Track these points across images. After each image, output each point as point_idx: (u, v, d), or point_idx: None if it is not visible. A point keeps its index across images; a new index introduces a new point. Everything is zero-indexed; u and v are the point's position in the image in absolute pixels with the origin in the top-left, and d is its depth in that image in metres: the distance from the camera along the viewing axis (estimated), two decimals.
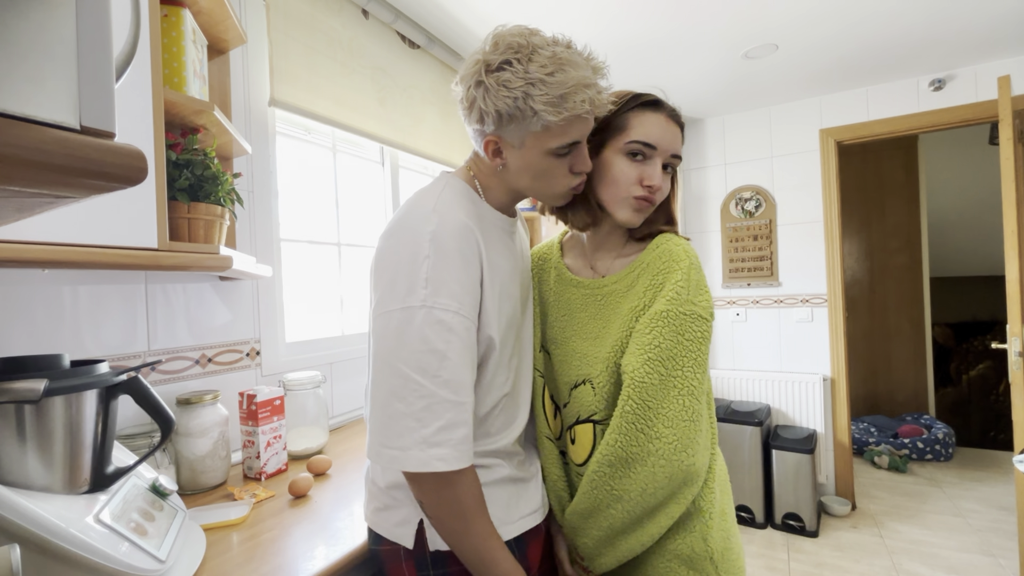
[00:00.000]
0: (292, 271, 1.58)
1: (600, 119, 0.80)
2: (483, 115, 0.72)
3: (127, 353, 1.09)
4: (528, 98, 0.68)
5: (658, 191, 0.82)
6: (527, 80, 0.68)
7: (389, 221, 0.75)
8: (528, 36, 0.70)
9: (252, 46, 1.40)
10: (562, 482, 0.90)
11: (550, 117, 0.68)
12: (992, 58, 2.43)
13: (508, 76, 0.68)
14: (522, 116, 0.69)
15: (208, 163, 1.00)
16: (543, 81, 0.67)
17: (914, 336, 3.89)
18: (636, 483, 0.75)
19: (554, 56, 0.69)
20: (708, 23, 1.98)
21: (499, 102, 0.69)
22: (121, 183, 0.31)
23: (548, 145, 0.73)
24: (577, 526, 0.84)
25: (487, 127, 0.73)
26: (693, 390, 0.76)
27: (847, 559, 2.29)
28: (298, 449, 1.30)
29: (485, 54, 0.71)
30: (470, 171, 0.83)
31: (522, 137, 0.72)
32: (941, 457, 3.39)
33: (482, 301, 0.73)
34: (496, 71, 0.69)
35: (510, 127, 0.71)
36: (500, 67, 0.69)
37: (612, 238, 0.90)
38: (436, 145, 2.06)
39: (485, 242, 0.74)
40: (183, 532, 0.79)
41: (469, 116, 0.75)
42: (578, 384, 0.85)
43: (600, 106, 0.73)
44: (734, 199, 3.06)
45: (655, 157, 0.81)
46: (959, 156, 4.23)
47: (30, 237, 0.70)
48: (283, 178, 1.55)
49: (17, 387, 0.62)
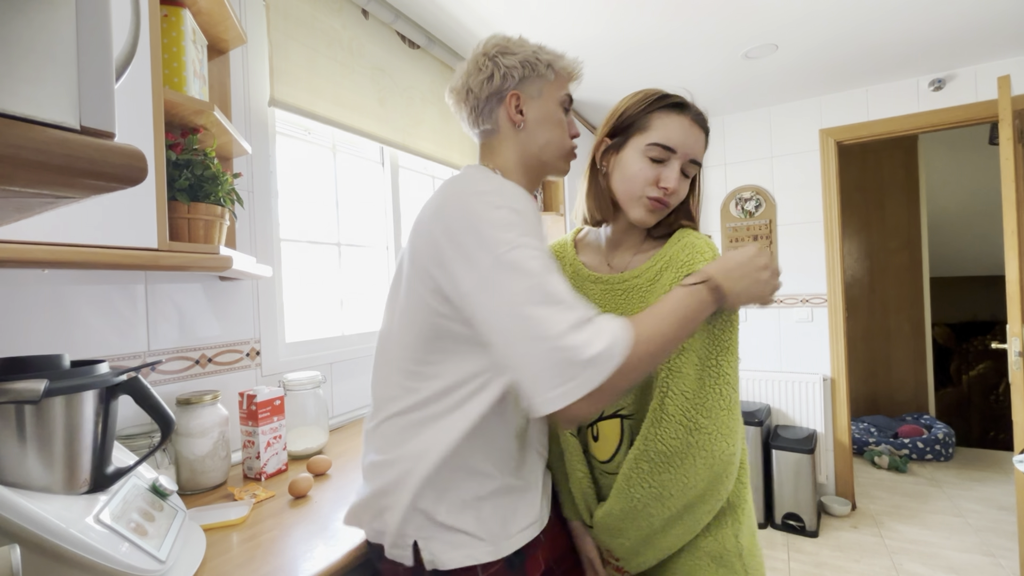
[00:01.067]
0: (292, 271, 1.58)
1: (625, 116, 0.85)
2: (506, 74, 0.82)
3: (127, 353, 1.09)
4: (538, 52, 0.84)
5: (673, 194, 0.82)
6: (528, 49, 0.84)
7: (439, 202, 0.73)
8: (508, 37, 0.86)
9: (252, 46, 1.40)
10: (587, 480, 0.88)
11: (560, 64, 0.85)
12: (992, 58, 2.43)
13: (511, 50, 0.83)
14: (536, 66, 0.83)
15: (208, 163, 1.00)
16: (540, 48, 0.85)
17: (914, 336, 3.89)
18: (677, 477, 0.74)
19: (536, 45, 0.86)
20: (708, 23, 1.98)
21: (517, 58, 0.82)
22: (121, 183, 0.31)
23: (560, 92, 0.86)
24: (613, 527, 0.82)
25: (508, 84, 0.82)
26: (728, 378, 0.76)
27: (847, 559, 2.29)
28: (298, 449, 1.30)
29: (481, 49, 0.84)
30: (487, 163, 0.86)
31: (540, 87, 0.84)
32: (941, 457, 3.39)
33: None
34: (496, 55, 0.83)
35: (529, 80, 0.83)
36: (499, 51, 0.83)
37: (630, 235, 0.90)
38: (436, 145, 2.06)
39: None
40: (183, 532, 0.79)
41: (488, 85, 0.82)
42: None
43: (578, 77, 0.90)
44: (734, 199, 3.06)
45: (673, 160, 0.81)
46: (959, 156, 4.23)
47: (30, 237, 0.70)
48: (283, 178, 1.55)
49: (17, 387, 0.62)
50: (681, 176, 0.82)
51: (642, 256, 0.87)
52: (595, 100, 2.74)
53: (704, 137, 0.85)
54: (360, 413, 1.69)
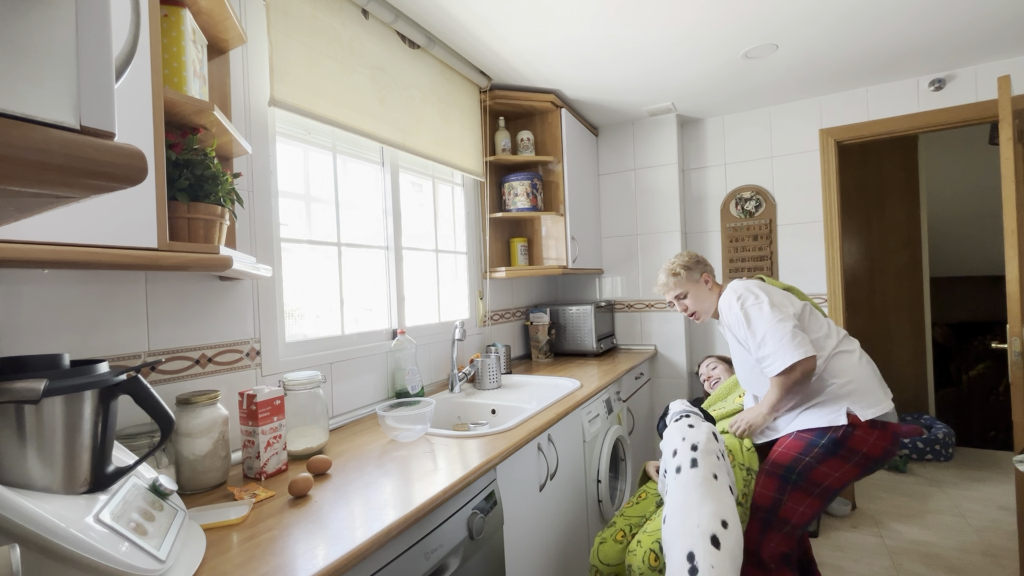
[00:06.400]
0: (292, 271, 1.58)
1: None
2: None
3: (127, 353, 1.09)
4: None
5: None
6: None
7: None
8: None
9: (252, 46, 1.40)
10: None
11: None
12: (992, 58, 2.43)
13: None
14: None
15: (208, 163, 1.00)
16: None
17: (914, 336, 3.89)
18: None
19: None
20: (708, 23, 1.98)
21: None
22: (121, 183, 0.31)
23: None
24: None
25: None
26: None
27: (847, 559, 2.29)
28: (298, 449, 1.30)
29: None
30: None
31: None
32: (941, 457, 3.39)
33: None
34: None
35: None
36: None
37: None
38: (436, 145, 2.06)
39: None
40: (183, 532, 0.79)
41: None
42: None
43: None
44: (734, 199, 3.06)
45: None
46: (959, 156, 4.23)
47: (30, 237, 0.70)
48: (283, 178, 1.55)
49: (17, 387, 0.62)
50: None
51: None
52: (595, 100, 2.74)
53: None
54: (360, 413, 1.69)
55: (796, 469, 1.48)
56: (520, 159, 2.56)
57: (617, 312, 3.18)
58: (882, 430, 1.44)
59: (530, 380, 2.24)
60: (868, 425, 1.44)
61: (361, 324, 1.85)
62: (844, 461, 1.45)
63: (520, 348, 2.88)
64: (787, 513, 1.49)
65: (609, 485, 2.06)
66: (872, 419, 1.44)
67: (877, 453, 1.44)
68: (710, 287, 1.77)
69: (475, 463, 1.19)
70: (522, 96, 2.51)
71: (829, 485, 1.47)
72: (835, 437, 1.45)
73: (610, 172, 3.20)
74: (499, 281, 2.68)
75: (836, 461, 1.45)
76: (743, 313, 1.53)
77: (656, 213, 3.06)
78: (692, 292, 1.77)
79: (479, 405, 1.95)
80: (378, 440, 1.42)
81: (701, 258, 1.82)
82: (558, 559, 1.64)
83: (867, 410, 1.44)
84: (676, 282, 1.77)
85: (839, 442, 1.45)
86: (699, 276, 1.77)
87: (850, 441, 1.44)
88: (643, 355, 2.86)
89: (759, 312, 1.51)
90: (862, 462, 1.45)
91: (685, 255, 1.82)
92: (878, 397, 1.47)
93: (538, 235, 2.75)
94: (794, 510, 1.49)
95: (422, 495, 1.02)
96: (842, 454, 1.45)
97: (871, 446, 1.44)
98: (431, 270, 2.24)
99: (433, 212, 2.26)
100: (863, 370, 1.50)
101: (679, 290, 1.78)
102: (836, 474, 1.46)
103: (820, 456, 1.46)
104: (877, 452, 1.44)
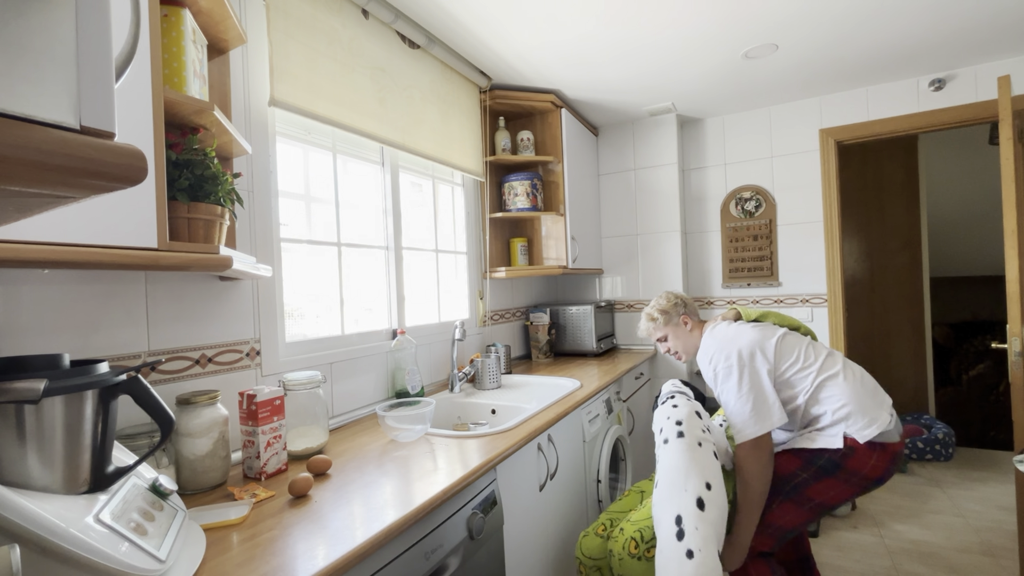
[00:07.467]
0: (292, 271, 1.58)
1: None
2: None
3: (127, 353, 1.09)
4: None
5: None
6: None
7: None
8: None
9: (252, 46, 1.40)
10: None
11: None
12: (992, 58, 2.43)
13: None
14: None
15: (208, 163, 1.00)
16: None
17: (914, 336, 3.89)
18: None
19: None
20: (708, 23, 1.98)
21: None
22: (121, 183, 0.31)
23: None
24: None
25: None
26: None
27: (847, 559, 2.29)
28: (298, 449, 1.30)
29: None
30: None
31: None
32: (941, 457, 3.39)
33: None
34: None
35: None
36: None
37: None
38: (436, 145, 2.06)
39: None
40: (183, 532, 0.79)
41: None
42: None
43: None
44: (734, 199, 3.06)
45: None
46: (959, 156, 4.23)
47: (30, 237, 0.70)
48: (283, 178, 1.55)
49: (17, 387, 0.62)
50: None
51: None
52: (595, 100, 2.74)
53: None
54: (360, 413, 1.69)
55: (791, 483, 1.47)
56: (520, 159, 2.56)
57: (617, 312, 3.18)
58: (881, 451, 1.41)
59: (530, 380, 2.24)
60: (867, 447, 1.41)
61: (361, 324, 1.85)
62: (841, 482, 1.43)
63: (520, 348, 2.88)
64: (772, 518, 1.50)
65: (609, 485, 2.06)
66: (871, 440, 1.41)
67: (876, 475, 1.42)
68: (690, 328, 1.77)
69: (475, 463, 1.19)
70: (522, 96, 2.52)
71: (823, 502, 1.46)
72: (834, 458, 1.43)
73: (610, 172, 3.20)
74: (499, 281, 2.68)
75: (833, 481, 1.44)
76: (714, 376, 1.56)
77: (656, 213, 3.06)
78: (672, 335, 1.78)
79: (479, 405, 1.95)
80: (378, 440, 1.42)
81: (680, 298, 1.81)
82: (558, 559, 1.64)
83: (864, 431, 1.41)
84: (655, 327, 1.80)
85: (838, 463, 1.43)
86: (678, 319, 1.77)
87: (849, 463, 1.42)
88: (643, 355, 2.86)
89: (727, 385, 1.50)
90: (860, 483, 1.43)
91: (663, 298, 1.82)
92: (874, 414, 1.43)
93: (538, 235, 2.75)
94: (780, 516, 1.49)
95: (422, 495, 1.02)
96: (840, 475, 1.43)
97: (871, 468, 1.41)
98: (431, 270, 2.24)
99: (433, 212, 2.26)
100: (853, 388, 1.47)
101: (659, 333, 1.80)
102: (831, 492, 1.44)
103: (817, 474, 1.45)
104: (876, 474, 1.42)
